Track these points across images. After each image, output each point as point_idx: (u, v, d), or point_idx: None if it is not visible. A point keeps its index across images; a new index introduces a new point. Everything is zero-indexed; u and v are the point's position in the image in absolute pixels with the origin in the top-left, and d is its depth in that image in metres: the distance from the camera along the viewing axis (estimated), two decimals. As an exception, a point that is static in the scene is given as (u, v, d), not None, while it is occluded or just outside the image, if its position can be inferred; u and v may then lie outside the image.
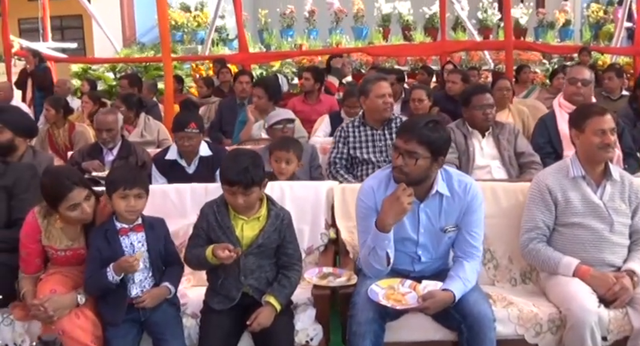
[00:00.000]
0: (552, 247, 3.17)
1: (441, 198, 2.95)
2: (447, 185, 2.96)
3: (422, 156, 2.80)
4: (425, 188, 2.93)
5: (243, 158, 2.83)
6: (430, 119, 2.89)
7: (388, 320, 2.84)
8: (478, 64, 10.21)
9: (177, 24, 12.73)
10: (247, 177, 2.76)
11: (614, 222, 3.11)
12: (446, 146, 2.90)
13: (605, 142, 3.10)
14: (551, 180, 3.20)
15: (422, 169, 2.83)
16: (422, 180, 2.89)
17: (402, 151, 2.82)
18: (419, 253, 3.01)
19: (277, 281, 2.92)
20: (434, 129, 2.83)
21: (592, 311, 2.79)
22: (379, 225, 2.83)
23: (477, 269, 2.97)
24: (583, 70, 4.57)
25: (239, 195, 2.78)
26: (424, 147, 2.79)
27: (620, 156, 4.39)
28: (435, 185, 2.93)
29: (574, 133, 3.26)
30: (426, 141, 2.79)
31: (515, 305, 3.01)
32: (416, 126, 2.84)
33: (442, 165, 2.93)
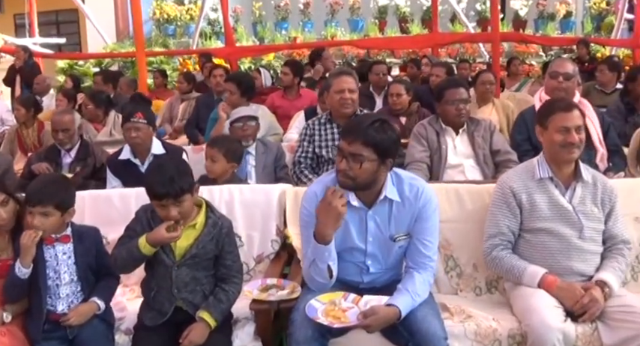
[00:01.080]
0: (518, 255, 2.93)
1: (390, 204, 2.70)
2: (398, 190, 2.70)
3: (367, 159, 2.55)
4: (373, 193, 2.68)
5: (166, 167, 2.60)
6: (376, 118, 2.63)
7: (331, 338, 2.60)
8: (473, 57, 9.95)
9: (169, 17, 12.51)
10: (175, 187, 2.52)
11: (584, 228, 2.85)
12: (394, 147, 2.63)
13: (568, 141, 2.84)
14: (515, 182, 2.95)
15: (368, 173, 2.58)
16: (369, 184, 2.64)
17: (346, 154, 2.57)
18: (367, 263, 2.76)
19: (213, 295, 2.69)
20: (380, 130, 2.57)
21: (554, 327, 2.53)
22: (318, 237, 2.59)
23: (430, 281, 2.72)
24: (566, 63, 4.28)
25: (171, 207, 2.54)
26: (370, 149, 2.54)
27: (605, 154, 4.14)
28: (384, 190, 2.67)
29: (539, 130, 3.01)
30: (372, 142, 2.54)
31: (474, 319, 2.76)
32: (360, 126, 2.58)
33: (391, 167, 2.67)
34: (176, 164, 2.67)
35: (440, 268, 3.17)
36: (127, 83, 7.67)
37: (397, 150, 2.70)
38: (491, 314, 2.80)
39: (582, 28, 12.78)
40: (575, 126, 2.85)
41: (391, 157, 2.62)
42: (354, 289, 2.78)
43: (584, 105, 4.24)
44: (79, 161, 4.56)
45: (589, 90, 6.70)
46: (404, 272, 2.77)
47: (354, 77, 4.11)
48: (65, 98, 6.85)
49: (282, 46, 10.36)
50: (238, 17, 12.72)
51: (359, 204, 2.70)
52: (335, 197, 2.52)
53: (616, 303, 2.70)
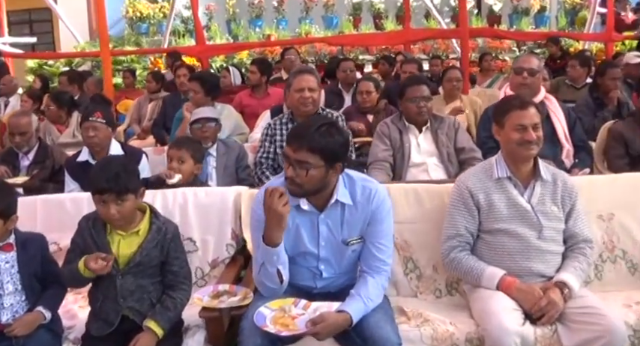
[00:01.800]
0: (477, 256, 2.85)
1: (342, 208, 2.61)
2: (350, 192, 2.62)
3: (314, 166, 2.46)
4: (324, 197, 2.60)
5: (114, 164, 2.56)
6: (322, 122, 2.52)
7: (286, 344, 2.52)
8: (446, 53, 9.90)
9: (142, 16, 12.34)
10: (119, 183, 2.47)
11: (544, 228, 2.78)
12: (342, 151, 2.54)
13: (526, 139, 2.77)
14: (473, 181, 2.88)
15: (316, 179, 2.49)
16: (319, 189, 2.55)
17: (292, 161, 2.48)
18: (321, 268, 2.68)
19: (160, 302, 2.61)
20: (327, 134, 2.47)
21: (511, 331, 2.46)
22: (266, 239, 2.50)
23: (384, 285, 2.64)
24: (531, 58, 4.23)
25: (111, 204, 2.47)
26: (316, 155, 2.45)
27: (571, 150, 4.10)
28: (335, 193, 2.59)
29: (495, 129, 2.95)
30: (318, 148, 2.44)
31: (431, 323, 2.68)
32: (306, 132, 2.48)
33: (342, 170, 2.59)
34: (125, 163, 2.61)
35: (399, 270, 3.10)
36: (94, 83, 7.53)
37: (347, 153, 2.61)
38: (449, 318, 2.72)
39: (557, 22, 12.79)
40: (531, 124, 2.79)
41: (340, 161, 2.53)
42: (308, 294, 2.70)
43: (550, 101, 4.22)
44: (37, 164, 4.45)
45: (559, 85, 6.67)
46: (358, 277, 2.69)
47: (315, 76, 4.02)
48: (30, 99, 6.71)
49: (253, 43, 10.26)
50: (212, 15, 12.59)
51: (310, 208, 2.61)
52: (273, 198, 2.42)
53: (576, 305, 2.63)
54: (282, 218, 2.44)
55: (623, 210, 3.20)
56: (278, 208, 2.41)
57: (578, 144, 4.16)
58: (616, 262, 3.17)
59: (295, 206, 2.59)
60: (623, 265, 3.17)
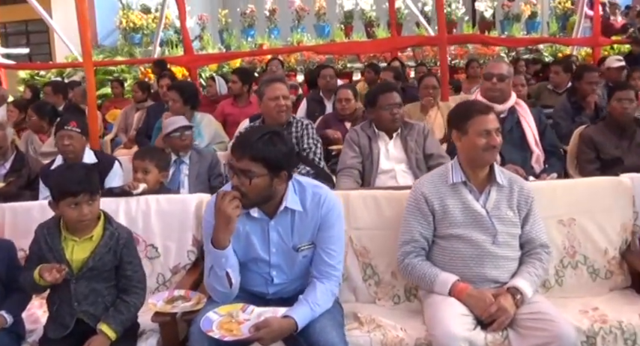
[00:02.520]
0: (432, 262, 2.86)
1: (292, 214, 2.64)
2: (300, 199, 2.64)
3: (257, 175, 2.48)
4: (274, 204, 2.63)
5: (78, 168, 2.69)
6: (266, 132, 2.55)
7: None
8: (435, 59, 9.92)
9: (135, 26, 12.41)
10: (92, 183, 2.60)
11: (498, 233, 2.78)
12: (287, 159, 2.56)
13: (491, 144, 2.78)
14: (428, 187, 2.89)
15: (260, 188, 2.51)
16: (266, 198, 2.58)
17: (236, 170, 2.51)
18: (272, 274, 2.70)
19: (114, 306, 2.66)
20: (269, 143, 2.50)
21: (458, 336, 2.46)
22: (215, 242, 2.54)
23: (334, 290, 2.65)
24: (500, 64, 4.25)
25: (84, 204, 2.57)
26: (259, 164, 2.48)
27: (541, 155, 4.11)
28: (285, 200, 2.62)
29: (455, 135, 2.92)
30: (261, 157, 2.48)
31: (383, 328, 2.70)
32: (248, 141, 2.52)
33: (289, 178, 2.61)
34: (87, 166, 2.75)
35: (358, 276, 3.12)
36: (80, 93, 7.58)
37: (291, 161, 2.63)
38: (402, 324, 2.73)
39: (548, 28, 12.81)
40: (494, 129, 2.80)
41: (285, 169, 2.55)
42: (262, 300, 2.72)
43: (521, 106, 4.23)
44: (13, 172, 4.50)
45: (540, 90, 6.69)
46: (309, 282, 2.70)
47: (286, 84, 4.06)
48: (16, 109, 6.76)
49: (240, 53, 10.30)
50: (205, 25, 12.65)
51: (260, 215, 2.64)
52: (224, 200, 2.46)
53: (527, 310, 2.63)
54: (230, 220, 2.47)
55: (584, 215, 3.20)
56: (227, 210, 2.45)
57: (548, 150, 4.17)
58: (577, 268, 3.17)
59: (246, 213, 2.63)
60: (585, 271, 3.17)
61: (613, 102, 4.32)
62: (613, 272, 3.17)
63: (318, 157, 4.02)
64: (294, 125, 4.09)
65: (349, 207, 3.17)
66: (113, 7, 13.10)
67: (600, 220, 3.20)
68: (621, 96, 4.24)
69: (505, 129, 4.04)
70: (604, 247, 3.18)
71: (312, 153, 4.01)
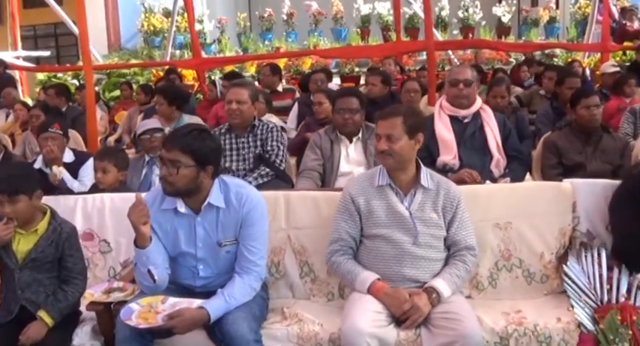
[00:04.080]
0: (358, 260, 2.96)
1: (217, 211, 2.80)
2: (225, 196, 2.80)
3: (184, 165, 2.67)
4: (199, 200, 2.79)
5: (13, 167, 2.94)
6: (195, 128, 2.79)
7: (155, 338, 2.70)
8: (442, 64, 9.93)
9: (155, 29, 12.71)
10: (12, 184, 2.75)
11: (420, 234, 2.87)
12: (214, 155, 2.75)
13: (378, 149, 2.90)
14: (355, 188, 2.99)
15: (187, 179, 2.69)
16: (191, 190, 2.75)
17: (166, 161, 2.70)
18: (199, 268, 2.86)
19: (53, 295, 2.86)
20: (198, 138, 2.71)
21: (364, 332, 2.57)
22: (135, 241, 2.72)
23: (253, 285, 2.80)
24: (465, 70, 4.30)
25: (5, 203, 2.75)
26: (187, 155, 2.67)
27: (501, 160, 4.14)
28: (209, 197, 2.77)
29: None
30: (189, 149, 2.67)
31: (302, 322, 2.83)
32: (179, 134, 2.75)
33: (214, 175, 2.78)
34: (24, 166, 2.87)
35: (295, 273, 3.24)
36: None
37: (217, 158, 2.79)
38: (322, 319, 2.84)
39: (567, 33, 12.67)
40: (383, 134, 2.89)
41: (211, 164, 2.73)
42: (191, 292, 2.88)
43: (485, 112, 4.26)
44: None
45: (532, 95, 6.69)
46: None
47: (248, 89, 4.18)
48: (25, 108, 7.05)
49: (245, 57, 10.50)
50: (224, 28, 12.88)
51: (187, 211, 2.80)
52: (134, 208, 2.66)
53: (440, 310, 2.72)
54: (134, 225, 2.66)
55: (520, 218, 3.25)
56: (131, 217, 2.66)
57: (511, 154, 4.20)
58: (512, 271, 3.22)
59: (173, 209, 2.79)
60: (520, 274, 3.22)
61: (580, 109, 4.33)
62: (549, 276, 3.21)
63: (280, 159, 4.15)
64: (258, 128, 4.23)
65: (289, 207, 3.30)
66: (136, 10, 13.41)
67: (538, 224, 3.25)
68: (589, 103, 4.24)
69: (467, 134, 4.15)
70: (540, 251, 3.23)
71: (275, 156, 4.14)
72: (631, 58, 9.63)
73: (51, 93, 7.09)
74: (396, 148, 2.85)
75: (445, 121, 4.20)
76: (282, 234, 3.27)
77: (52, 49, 15.95)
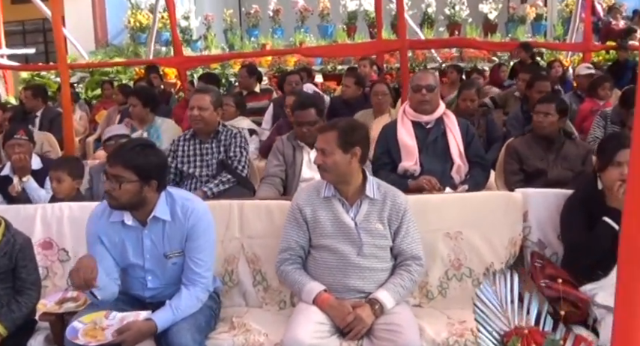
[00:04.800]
0: (307, 270, 3.01)
1: (164, 223, 2.84)
2: (171, 209, 2.85)
3: (127, 180, 2.71)
4: (146, 213, 2.84)
5: None
6: (139, 143, 2.83)
7: None
8: (424, 63, 9.96)
9: (141, 26, 12.71)
10: None
11: (364, 245, 2.91)
12: (157, 170, 2.78)
13: (316, 163, 2.97)
14: (303, 198, 3.04)
15: (131, 194, 2.73)
16: (136, 204, 2.79)
17: (109, 176, 2.74)
18: (147, 279, 2.91)
19: (7, 305, 2.90)
20: (141, 154, 2.75)
21: (304, 343, 2.61)
22: None
23: (200, 296, 2.85)
24: (427, 75, 4.33)
25: None
26: (129, 171, 2.71)
27: (462, 166, 4.17)
28: (155, 210, 2.82)
29: None
30: (131, 165, 2.71)
31: (249, 333, 2.87)
32: (122, 150, 2.79)
33: (160, 189, 2.82)
34: None
35: (248, 282, 3.29)
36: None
37: (161, 173, 2.83)
38: (269, 329, 2.89)
39: (554, 30, 12.69)
40: (319, 148, 2.95)
41: (154, 179, 2.76)
42: (141, 303, 2.93)
43: (448, 117, 4.29)
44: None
45: (507, 97, 6.71)
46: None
47: (210, 95, 4.20)
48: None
49: (230, 55, 10.51)
50: (210, 24, 12.88)
51: (134, 224, 2.84)
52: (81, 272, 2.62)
53: (383, 321, 2.77)
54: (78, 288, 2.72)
55: (471, 228, 3.30)
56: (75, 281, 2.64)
57: (473, 160, 4.23)
58: (462, 280, 3.27)
59: (121, 221, 2.83)
60: (470, 283, 3.26)
61: (534, 115, 4.34)
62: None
63: (242, 166, 4.18)
64: (222, 134, 4.25)
65: (243, 216, 3.35)
66: (123, 6, 13.41)
67: (488, 234, 3.30)
68: (539, 110, 4.26)
69: (429, 140, 4.18)
70: (490, 261, 3.28)
71: (237, 162, 4.17)
72: (614, 58, 9.67)
73: (28, 94, 7.10)
74: (329, 162, 2.90)
75: (408, 127, 4.23)
76: (235, 243, 3.32)
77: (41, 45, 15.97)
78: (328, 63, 10.46)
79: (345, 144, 2.92)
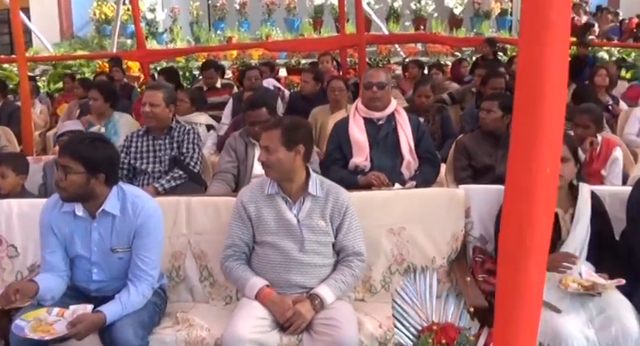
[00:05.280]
0: (251, 266, 3.07)
1: (113, 218, 2.90)
2: (121, 205, 2.90)
3: (74, 171, 2.77)
4: (96, 206, 2.89)
5: None
6: (90, 136, 2.92)
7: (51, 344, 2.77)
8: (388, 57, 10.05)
9: (107, 18, 12.61)
10: None
11: (306, 241, 2.98)
12: (106, 163, 2.84)
13: (260, 160, 3.04)
14: (247, 195, 3.10)
15: (77, 185, 2.79)
16: (83, 196, 2.85)
17: (58, 166, 2.81)
18: (93, 271, 2.95)
19: None
20: (90, 146, 2.82)
21: (243, 338, 2.67)
22: None
23: (145, 292, 2.90)
24: (378, 73, 4.41)
25: None
26: (77, 162, 2.77)
27: (412, 162, 4.26)
28: (105, 203, 2.87)
29: None
30: (78, 156, 2.77)
31: (192, 328, 2.92)
32: (72, 141, 2.87)
33: (110, 183, 2.88)
34: None
35: (195, 277, 3.34)
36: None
37: (110, 166, 2.88)
38: (210, 324, 2.93)
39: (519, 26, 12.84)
40: (263, 146, 3.02)
41: (102, 172, 2.82)
42: (87, 296, 2.97)
43: (399, 114, 4.37)
44: None
45: (465, 93, 6.82)
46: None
47: (161, 92, 4.22)
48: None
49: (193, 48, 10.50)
50: (176, 17, 12.83)
51: (84, 215, 2.90)
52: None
53: (323, 316, 2.84)
54: None
55: (414, 224, 3.37)
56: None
57: (423, 156, 4.32)
58: (405, 275, 3.35)
59: (72, 212, 2.90)
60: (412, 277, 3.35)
61: (479, 111, 4.45)
62: (440, 280, 3.33)
63: (194, 162, 4.22)
64: (175, 130, 4.29)
65: (190, 212, 3.38)
66: (88, -3, 13.31)
67: (431, 230, 3.38)
68: (483, 107, 4.36)
69: (380, 136, 4.26)
70: (432, 256, 3.36)
71: (189, 158, 4.21)
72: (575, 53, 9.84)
73: (-15, 89, 7.02)
74: (273, 160, 2.96)
75: (359, 123, 4.31)
76: (182, 240, 3.36)
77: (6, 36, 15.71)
78: (292, 57, 10.49)
79: (288, 142, 2.98)
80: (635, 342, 2.74)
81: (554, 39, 1.27)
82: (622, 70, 10.15)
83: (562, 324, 2.75)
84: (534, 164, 1.30)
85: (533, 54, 1.30)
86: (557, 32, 1.28)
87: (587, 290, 2.89)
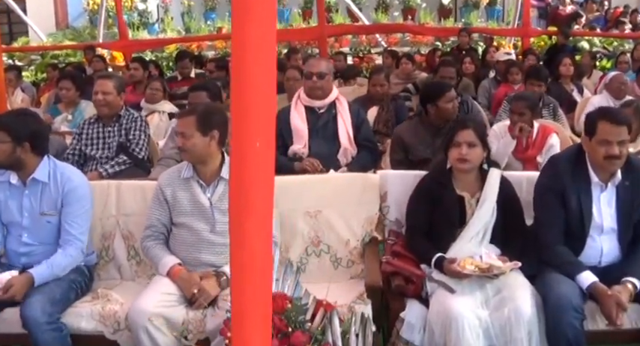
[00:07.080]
0: (169, 247, 3.27)
1: (43, 185, 3.17)
2: (51, 174, 3.17)
3: (1, 141, 3.07)
4: (26, 174, 3.18)
5: None
6: (21, 112, 3.36)
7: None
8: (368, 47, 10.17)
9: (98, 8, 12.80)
10: None
11: (217, 222, 3.17)
12: (32, 134, 3.11)
13: (176, 145, 3.26)
14: (164, 179, 3.30)
15: (5, 153, 3.08)
16: (12, 164, 3.13)
17: None
18: (24, 235, 3.20)
19: None
20: (17, 118, 3.17)
21: (145, 311, 2.88)
22: None
23: (73, 255, 3.15)
24: (319, 62, 4.57)
25: None
26: (3, 132, 3.08)
27: (350, 149, 4.40)
28: (35, 172, 3.15)
29: None
30: (5, 126, 3.09)
31: (108, 302, 3.13)
32: (3, 115, 3.24)
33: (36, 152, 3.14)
34: None
35: (123, 256, 3.55)
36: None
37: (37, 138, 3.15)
38: (126, 299, 3.14)
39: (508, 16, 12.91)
40: (179, 132, 3.20)
41: (27, 141, 3.10)
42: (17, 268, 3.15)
43: (340, 102, 4.51)
44: None
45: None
46: None
47: (112, 81, 4.44)
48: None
49: (173, 39, 10.69)
50: (167, 7, 13.02)
51: (17, 183, 3.18)
52: None
53: (227, 292, 3.01)
54: None
55: (330, 207, 3.56)
56: None
57: (362, 144, 4.47)
58: (320, 256, 3.53)
59: (7, 181, 3.20)
60: (327, 259, 3.53)
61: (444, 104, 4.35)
62: (354, 261, 3.52)
63: (140, 148, 4.42)
64: (124, 118, 4.49)
65: (120, 195, 3.59)
66: (83, -13, 13.53)
67: (346, 213, 3.56)
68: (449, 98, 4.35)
69: (320, 124, 4.43)
70: (347, 238, 3.54)
71: (135, 144, 4.41)
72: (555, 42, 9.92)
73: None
74: (189, 144, 3.15)
75: (300, 111, 4.48)
76: (112, 220, 3.57)
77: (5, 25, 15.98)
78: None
79: (203, 127, 3.17)
80: (528, 323, 2.87)
81: (259, 27, 1.47)
82: (604, 59, 10.21)
83: (454, 304, 2.91)
84: (246, 138, 1.55)
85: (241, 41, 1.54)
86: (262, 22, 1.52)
87: (483, 273, 3.03)
